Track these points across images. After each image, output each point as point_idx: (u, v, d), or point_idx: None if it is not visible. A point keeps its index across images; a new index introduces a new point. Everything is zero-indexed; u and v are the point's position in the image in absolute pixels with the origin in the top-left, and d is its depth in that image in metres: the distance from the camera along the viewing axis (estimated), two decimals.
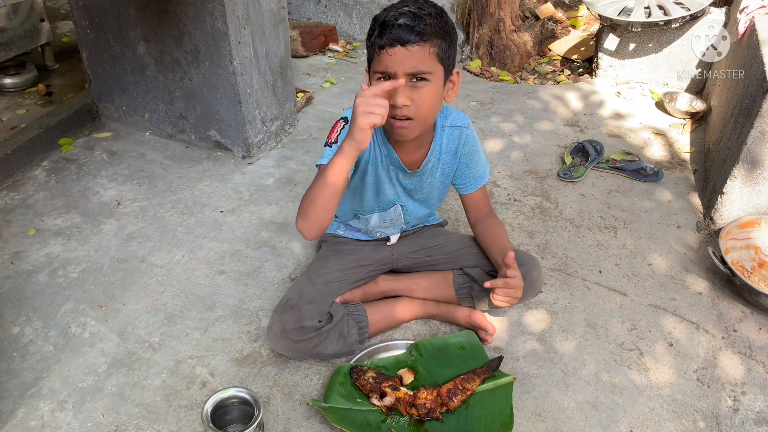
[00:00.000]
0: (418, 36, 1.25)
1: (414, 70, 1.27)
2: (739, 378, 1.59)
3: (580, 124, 2.82)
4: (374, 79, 1.33)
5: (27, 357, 1.58)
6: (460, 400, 1.43)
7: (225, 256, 1.95)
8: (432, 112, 1.37)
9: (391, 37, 1.25)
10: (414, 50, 1.26)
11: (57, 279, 1.84)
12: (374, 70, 1.33)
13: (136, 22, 2.30)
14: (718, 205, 2.08)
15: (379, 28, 1.28)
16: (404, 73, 1.28)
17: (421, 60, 1.27)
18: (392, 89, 1.24)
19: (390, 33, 1.25)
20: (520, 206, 2.23)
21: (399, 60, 1.26)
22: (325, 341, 1.51)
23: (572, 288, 1.86)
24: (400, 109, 1.30)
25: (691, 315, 1.78)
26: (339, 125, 1.43)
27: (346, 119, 1.43)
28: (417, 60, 1.27)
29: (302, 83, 3.14)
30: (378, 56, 1.29)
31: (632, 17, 2.89)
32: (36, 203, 2.17)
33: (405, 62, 1.26)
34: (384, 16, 1.29)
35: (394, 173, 1.51)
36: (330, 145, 1.42)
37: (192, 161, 2.44)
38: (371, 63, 1.34)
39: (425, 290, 1.69)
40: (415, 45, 1.25)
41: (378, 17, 1.31)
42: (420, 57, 1.26)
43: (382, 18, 1.29)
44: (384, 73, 1.30)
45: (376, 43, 1.29)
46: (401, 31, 1.25)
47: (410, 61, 1.26)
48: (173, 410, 1.45)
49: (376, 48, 1.29)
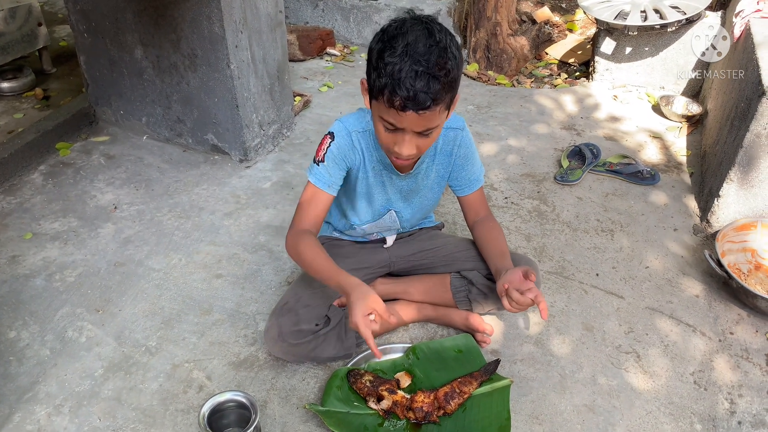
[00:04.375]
0: (432, 102, 1.19)
1: (422, 129, 1.26)
2: (736, 381, 1.59)
3: (577, 128, 2.83)
4: (377, 118, 1.28)
5: (23, 361, 1.58)
6: (458, 403, 1.43)
7: (222, 259, 1.95)
8: (432, 144, 1.37)
9: (405, 103, 1.19)
10: (425, 115, 1.21)
11: (54, 283, 1.83)
12: (379, 114, 1.27)
13: (133, 27, 2.30)
14: (714, 208, 2.08)
15: (390, 81, 1.18)
16: (412, 130, 1.26)
17: (431, 119, 1.24)
18: None
19: (403, 98, 1.18)
20: (517, 209, 2.23)
21: (409, 121, 1.23)
22: (322, 344, 1.51)
23: (569, 291, 1.86)
24: (404, 157, 1.31)
25: (687, 318, 1.78)
26: (326, 142, 1.43)
27: (332, 135, 1.43)
28: (428, 120, 1.23)
29: (300, 87, 3.14)
30: (385, 106, 1.22)
31: (628, 21, 2.90)
32: (33, 207, 2.17)
33: (415, 124, 1.24)
34: (397, 68, 1.17)
35: (387, 177, 1.52)
36: (317, 162, 1.43)
37: (189, 165, 2.44)
38: (374, 98, 1.26)
39: (422, 293, 1.69)
40: (427, 111, 1.21)
41: (386, 61, 1.19)
42: (430, 118, 1.23)
43: (394, 71, 1.18)
44: (391, 125, 1.26)
45: (385, 94, 1.20)
46: (416, 98, 1.18)
47: (420, 122, 1.23)
48: (170, 414, 1.45)
49: (384, 99, 1.21)
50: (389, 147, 1.33)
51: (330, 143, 1.43)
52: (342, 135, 1.43)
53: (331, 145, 1.43)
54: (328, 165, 1.43)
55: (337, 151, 1.43)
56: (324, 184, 1.43)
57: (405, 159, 1.33)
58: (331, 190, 1.45)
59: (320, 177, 1.43)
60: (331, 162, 1.43)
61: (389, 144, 1.31)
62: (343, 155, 1.43)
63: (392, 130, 1.28)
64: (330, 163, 1.43)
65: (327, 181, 1.43)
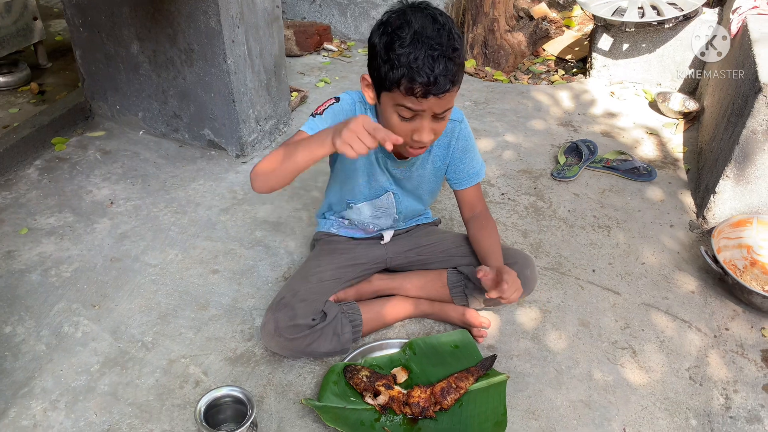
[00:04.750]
0: (451, 84, 1.21)
1: (442, 111, 1.27)
2: (731, 376, 1.60)
3: (574, 124, 2.83)
4: (391, 109, 1.27)
5: (19, 356, 1.57)
6: (454, 398, 1.44)
7: (219, 255, 1.95)
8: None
9: (426, 90, 1.19)
10: (445, 96, 1.23)
11: (50, 278, 1.83)
12: (395, 102, 1.25)
13: (129, 21, 2.29)
14: (710, 205, 2.09)
15: (407, 70, 1.18)
16: (432, 113, 1.26)
17: (449, 100, 1.26)
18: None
19: (424, 84, 1.18)
20: (513, 205, 2.23)
21: (429, 105, 1.23)
22: (318, 339, 1.51)
23: (565, 287, 1.87)
24: (424, 143, 1.31)
25: (683, 314, 1.79)
26: (330, 102, 1.41)
27: (337, 98, 1.42)
28: (446, 102, 1.25)
29: (297, 82, 3.13)
30: (404, 94, 1.22)
31: (626, 17, 2.90)
32: (28, 202, 2.16)
33: (435, 107, 1.24)
34: (412, 57, 1.17)
35: (383, 160, 1.51)
36: (314, 116, 1.39)
37: (186, 160, 2.44)
38: (386, 87, 1.25)
39: (419, 289, 1.69)
40: (447, 93, 1.22)
41: (397, 50, 1.18)
42: (449, 99, 1.25)
43: (410, 60, 1.17)
44: (410, 110, 1.25)
45: (403, 84, 1.20)
46: (437, 83, 1.19)
47: (440, 105, 1.24)
48: (166, 409, 1.45)
49: (402, 88, 1.21)
50: (407, 137, 1.30)
51: (333, 103, 1.41)
52: (347, 101, 1.42)
53: (334, 104, 1.41)
54: (326, 119, 1.38)
55: (339, 112, 1.40)
56: (314, 132, 1.34)
57: (424, 146, 1.33)
58: None
59: (315, 128, 1.35)
60: (330, 117, 1.38)
61: (407, 134, 1.29)
62: (344, 117, 1.39)
63: (409, 118, 1.26)
64: (328, 117, 1.38)
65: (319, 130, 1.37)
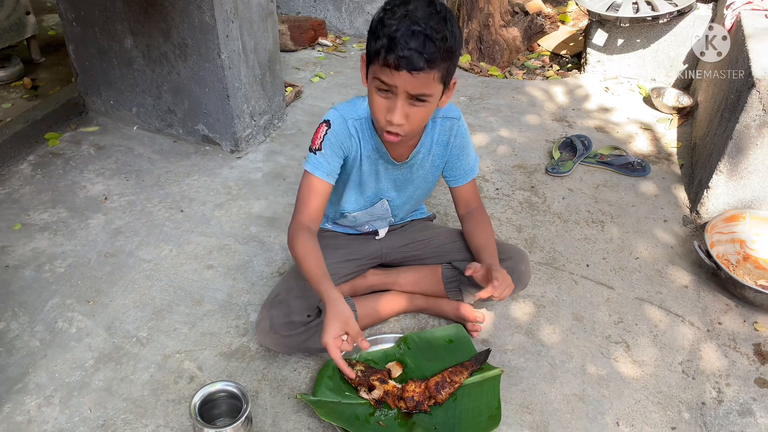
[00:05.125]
0: (425, 63, 1.19)
1: (415, 92, 1.24)
2: (724, 370, 1.61)
3: (569, 119, 2.83)
4: (372, 84, 1.28)
5: (13, 352, 1.57)
6: (448, 392, 1.44)
7: (213, 250, 1.94)
8: (424, 123, 1.37)
9: (399, 62, 1.19)
10: (419, 76, 1.21)
11: (43, 274, 1.82)
12: (374, 75, 1.26)
13: (122, 16, 2.28)
14: (703, 200, 2.10)
15: (387, 41, 1.19)
16: (405, 92, 1.24)
17: (425, 84, 1.23)
18: None
19: (397, 55, 1.18)
20: (508, 200, 2.24)
21: (402, 81, 1.22)
22: (313, 336, 1.51)
23: (560, 281, 1.87)
24: (395, 126, 1.29)
25: (676, 308, 1.80)
26: (322, 129, 1.42)
27: (328, 122, 1.42)
28: (421, 84, 1.23)
29: (291, 77, 3.12)
30: (380, 66, 1.23)
31: (620, 13, 2.91)
32: (22, 198, 2.15)
33: (408, 85, 1.22)
34: (393, 28, 1.19)
35: (382, 167, 1.51)
36: (314, 151, 1.41)
37: (180, 156, 2.43)
38: (371, 62, 1.27)
39: (414, 284, 1.70)
40: (421, 72, 1.20)
41: (385, 23, 1.21)
42: (424, 82, 1.22)
43: (391, 32, 1.19)
44: (384, 84, 1.25)
45: (381, 54, 1.21)
46: (410, 57, 1.18)
47: (413, 84, 1.22)
48: (161, 404, 1.45)
49: (380, 59, 1.22)
50: (381, 116, 1.30)
51: (326, 131, 1.41)
52: (338, 122, 1.42)
53: (327, 132, 1.41)
54: (325, 153, 1.41)
55: (334, 139, 1.41)
56: (322, 172, 1.41)
57: (396, 130, 1.30)
58: (330, 179, 1.42)
59: (318, 166, 1.41)
60: (328, 150, 1.41)
61: (381, 112, 1.29)
62: (339, 142, 1.42)
63: (385, 91, 1.26)
64: (327, 151, 1.41)
65: (325, 169, 1.41)
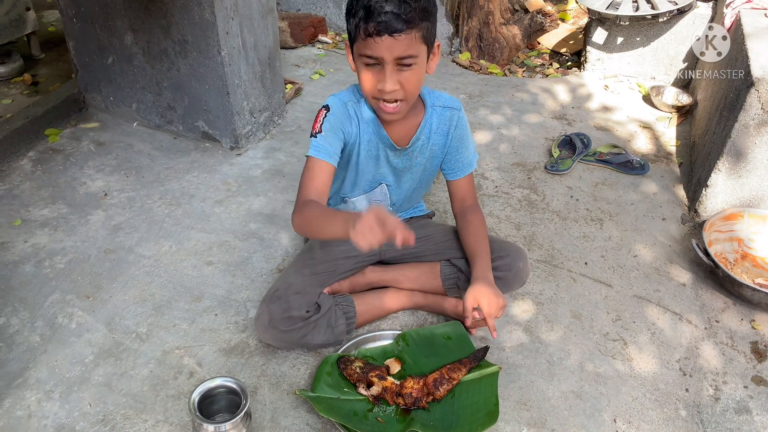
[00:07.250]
0: (405, 24, 1.24)
1: (401, 55, 1.28)
2: (721, 368, 1.62)
3: (568, 117, 2.84)
4: (359, 63, 1.33)
5: (13, 347, 1.58)
6: (447, 389, 1.45)
7: (213, 247, 1.95)
8: (418, 88, 1.39)
9: (378, 27, 1.24)
10: (401, 38, 1.26)
11: (43, 269, 1.83)
12: (359, 53, 1.32)
13: (123, 12, 2.28)
14: (702, 198, 2.10)
15: (364, 11, 1.25)
16: (392, 59, 1.29)
17: (409, 45, 1.28)
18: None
19: (376, 22, 1.24)
20: (507, 198, 2.24)
21: (386, 47, 1.27)
22: (312, 331, 1.51)
23: (558, 279, 1.88)
24: (390, 94, 1.32)
25: (674, 306, 1.81)
26: (321, 114, 1.44)
27: (327, 107, 1.44)
28: (405, 46, 1.27)
29: (291, 75, 3.12)
30: (363, 40, 1.28)
31: (620, 11, 2.91)
32: (22, 194, 2.15)
33: (393, 49, 1.27)
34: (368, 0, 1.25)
35: (383, 152, 1.52)
36: (315, 135, 1.43)
37: (180, 152, 2.43)
38: (354, 42, 1.33)
39: (412, 281, 1.70)
40: (402, 33, 1.25)
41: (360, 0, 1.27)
42: (407, 43, 1.27)
43: (365, 2, 1.25)
44: (371, 58, 1.30)
45: (361, 27, 1.27)
46: (388, 21, 1.24)
47: (397, 48, 1.27)
48: (160, 400, 1.46)
49: (361, 32, 1.27)
50: (373, 87, 1.34)
51: (326, 114, 1.43)
52: (337, 105, 1.45)
53: (327, 115, 1.43)
54: (326, 135, 1.42)
55: (333, 120, 1.43)
56: (324, 154, 1.42)
57: (390, 96, 1.34)
58: (332, 160, 1.43)
59: (319, 148, 1.41)
60: (328, 131, 1.42)
61: (372, 84, 1.33)
62: (340, 124, 1.44)
63: (373, 65, 1.30)
64: (328, 133, 1.42)
65: (327, 151, 1.42)
